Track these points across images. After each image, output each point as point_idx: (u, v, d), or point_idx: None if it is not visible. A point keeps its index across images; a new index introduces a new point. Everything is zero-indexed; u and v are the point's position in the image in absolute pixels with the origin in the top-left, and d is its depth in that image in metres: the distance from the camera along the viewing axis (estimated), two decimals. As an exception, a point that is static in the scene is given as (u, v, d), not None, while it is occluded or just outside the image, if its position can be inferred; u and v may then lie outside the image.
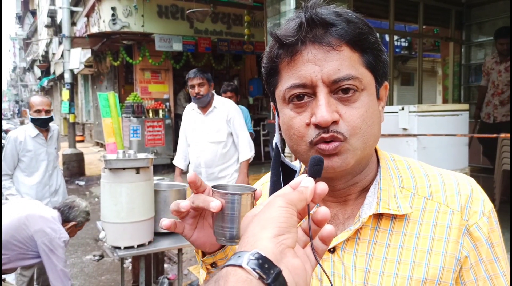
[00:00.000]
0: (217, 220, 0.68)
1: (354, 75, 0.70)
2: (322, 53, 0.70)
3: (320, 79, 0.70)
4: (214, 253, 0.78)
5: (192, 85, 3.57)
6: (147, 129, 9.88)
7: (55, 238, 2.64)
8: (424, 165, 0.83)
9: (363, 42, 0.72)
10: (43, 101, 3.62)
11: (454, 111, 3.82)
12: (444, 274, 0.72)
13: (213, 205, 0.64)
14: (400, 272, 0.73)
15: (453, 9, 6.25)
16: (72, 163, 10.16)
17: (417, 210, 0.76)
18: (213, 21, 10.32)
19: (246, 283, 0.43)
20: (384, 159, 0.82)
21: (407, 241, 0.74)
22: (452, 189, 0.77)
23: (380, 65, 0.75)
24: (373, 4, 5.72)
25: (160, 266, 3.85)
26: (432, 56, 11.78)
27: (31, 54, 30.74)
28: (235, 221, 0.66)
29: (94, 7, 10.02)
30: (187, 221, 0.73)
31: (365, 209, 0.76)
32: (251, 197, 0.67)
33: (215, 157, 3.62)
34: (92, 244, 5.46)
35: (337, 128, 0.70)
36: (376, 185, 0.78)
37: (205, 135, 3.64)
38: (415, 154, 3.43)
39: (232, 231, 0.67)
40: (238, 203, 0.66)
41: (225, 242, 0.68)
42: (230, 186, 0.72)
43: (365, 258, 0.75)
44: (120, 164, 2.78)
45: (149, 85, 11.00)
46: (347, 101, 0.71)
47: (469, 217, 0.74)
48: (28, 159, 3.57)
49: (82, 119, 18.91)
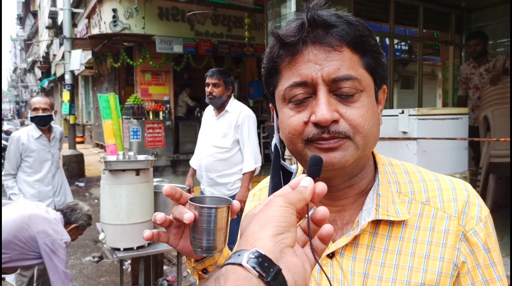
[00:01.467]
0: (193, 232, 0.70)
1: (353, 75, 0.71)
2: (323, 53, 0.71)
3: (321, 77, 0.70)
4: (202, 260, 0.80)
5: (207, 84, 3.49)
6: (147, 131, 9.88)
7: (57, 240, 2.65)
8: (421, 169, 0.84)
9: (363, 44, 0.73)
10: (41, 100, 3.66)
11: (454, 115, 3.82)
12: (441, 279, 0.73)
13: (186, 217, 0.68)
14: (398, 277, 0.73)
15: (453, 13, 6.26)
16: (72, 164, 10.16)
17: (414, 215, 0.76)
18: (214, 24, 10.34)
19: (246, 281, 0.43)
20: (381, 163, 0.83)
21: (405, 246, 0.75)
22: (449, 195, 0.78)
23: (379, 68, 0.76)
24: (373, 7, 5.73)
25: (159, 268, 3.85)
26: (432, 59, 11.79)
27: (32, 55, 30.77)
28: (211, 233, 0.69)
29: (95, 8, 10.04)
30: (171, 231, 0.76)
31: (364, 215, 0.77)
32: (226, 210, 0.70)
33: (216, 162, 3.48)
34: (92, 245, 5.46)
35: (337, 127, 0.70)
36: (375, 191, 0.79)
37: (211, 138, 3.53)
38: (414, 158, 3.43)
39: (208, 243, 0.69)
40: (214, 216, 0.68)
41: (202, 253, 0.71)
42: (208, 198, 0.75)
43: (363, 263, 0.75)
44: (120, 165, 2.79)
45: (150, 87, 11.01)
46: (347, 101, 0.71)
47: (466, 223, 0.75)
48: (32, 159, 3.61)
49: (82, 120, 18.92)
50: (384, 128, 3.50)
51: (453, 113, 3.85)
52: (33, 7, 28.97)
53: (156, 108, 10.25)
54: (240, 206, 0.75)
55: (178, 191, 0.74)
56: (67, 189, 3.93)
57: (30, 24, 30.60)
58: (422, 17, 5.89)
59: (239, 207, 0.73)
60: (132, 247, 2.84)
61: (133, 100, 10.12)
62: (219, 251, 0.71)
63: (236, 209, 0.73)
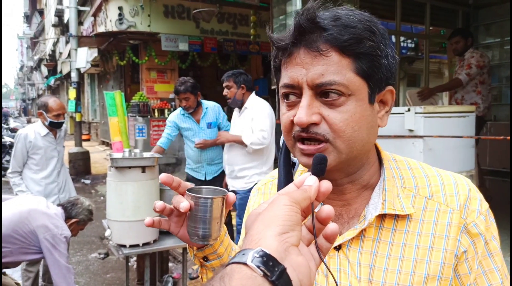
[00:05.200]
0: (190, 221, 0.75)
1: (337, 81, 0.71)
2: (309, 58, 0.72)
3: (305, 81, 0.73)
4: (202, 248, 0.84)
5: (224, 87, 3.73)
6: (153, 129, 9.92)
7: (57, 234, 2.66)
8: (424, 165, 0.86)
9: (356, 47, 0.72)
10: (62, 105, 3.76)
11: (460, 112, 3.79)
12: (445, 270, 0.76)
13: (182, 206, 0.73)
14: (404, 268, 0.76)
15: (460, 10, 6.21)
16: (78, 161, 10.22)
17: (418, 209, 0.79)
18: (219, 21, 10.33)
19: (250, 280, 0.44)
20: (386, 159, 0.85)
21: (410, 239, 0.77)
22: (451, 189, 0.80)
23: (376, 70, 0.74)
24: (380, 4, 5.70)
25: (165, 264, 3.87)
26: (439, 57, 11.73)
27: (38, 53, 30.95)
28: (207, 222, 0.73)
29: (101, 6, 10.07)
30: (172, 219, 0.80)
31: (370, 209, 0.79)
32: (222, 200, 0.74)
33: (237, 156, 3.69)
34: (97, 242, 5.50)
35: (317, 129, 0.73)
36: (381, 186, 0.81)
37: (234, 133, 3.76)
38: (421, 156, 3.41)
39: (205, 231, 0.74)
40: (210, 206, 0.73)
41: (198, 241, 0.75)
42: (205, 188, 0.80)
43: (369, 255, 0.78)
44: (126, 162, 2.80)
45: (155, 85, 11.05)
46: (332, 105, 0.73)
47: (467, 216, 0.78)
48: (38, 156, 3.66)
49: (88, 118, 19.02)
50: (390, 126, 3.49)
51: (460, 111, 3.81)
52: (40, 5, 29.12)
53: (161, 106, 10.28)
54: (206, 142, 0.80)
55: (176, 180, 0.79)
56: (70, 185, 3.99)
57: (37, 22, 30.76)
58: (428, 15, 5.85)
59: (234, 199, 0.78)
60: (138, 244, 2.86)
61: (139, 98, 10.15)
62: (214, 239, 0.75)
63: (232, 201, 0.78)
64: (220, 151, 4.14)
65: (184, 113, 4.16)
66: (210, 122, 4.15)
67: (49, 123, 3.65)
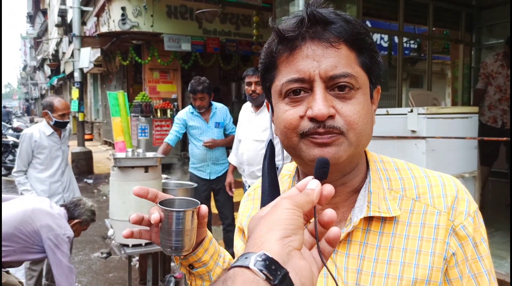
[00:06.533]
0: (162, 233, 0.75)
1: (350, 73, 0.72)
2: (321, 49, 0.71)
3: (318, 74, 0.71)
4: (186, 257, 0.84)
5: (249, 83, 3.60)
6: (155, 129, 9.93)
7: (60, 234, 2.68)
8: (412, 166, 0.85)
9: (360, 42, 0.74)
10: (67, 105, 3.80)
11: (463, 113, 3.78)
12: (433, 274, 0.74)
13: (153, 218, 0.73)
14: (391, 273, 0.74)
15: (463, 11, 6.19)
16: (80, 161, 10.25)
17: (405, 211, 0.78)
18: (222, 22, 10.34)
19: (253, 284, 0.44)
20: (373, 160, 0.84)
21: (397, 242, 0.76)
22: (439, 191, 0.79)
23: (375, 66, 0.77)
24: (383, 5, 5.68)
25: (167, 264, 3.88)
26: (442, 58, 11.68)
27: (41, 53, 31.04)
28: (179, 234, 0.73)
29: (104, 7, 10.10)
30: (153, 230, 0.80)
31: (356, 212, 0.78)
32: (192, 213, 0.74)
33: (257, 156, 3.63)
34: (100, 241, 5.51)
35: (333, 122, 0.71)
36: (366, 188, 0.80)
37: (252, 133, 3.67)
38: (423, 157, 3.40)
39: (177, 243, 0.74)
40: (182, 218, 0.73)
41: (171, 253, 0.75)
42: (178, 200, 0.80)
43: (357, 259, 0.77)
44: (129, 162, 2.81)
45: (158, 85, 11.05)
46: (343, 98, 0.72)
47: (455, 218, 0.76)
48: (43, 156, 3.69)
49: (91, 117, 19.06)
50: (393, 127, 3.48)
51: (463, 112, 3.80)
52: (43, 5, 29.22)
53: (164, 106, 10.29)
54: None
55: (151, 191, 0.80)
56: (74, 185, 4.01)
57: (40, 22, 30.85)
58: (432, 15, 5.83)
59: (206, 210, 0.79)
60: (141, 244, 2.86)
61: (141, 98, 10.16)
62: (186, 250, 0.75)
63: (204, 213, 0.78)
64: (224, 151, 4.15)
65: (194, 111, 4.19)
66: (219, 122, 4.23)
67: (55, 123, 3.68)
